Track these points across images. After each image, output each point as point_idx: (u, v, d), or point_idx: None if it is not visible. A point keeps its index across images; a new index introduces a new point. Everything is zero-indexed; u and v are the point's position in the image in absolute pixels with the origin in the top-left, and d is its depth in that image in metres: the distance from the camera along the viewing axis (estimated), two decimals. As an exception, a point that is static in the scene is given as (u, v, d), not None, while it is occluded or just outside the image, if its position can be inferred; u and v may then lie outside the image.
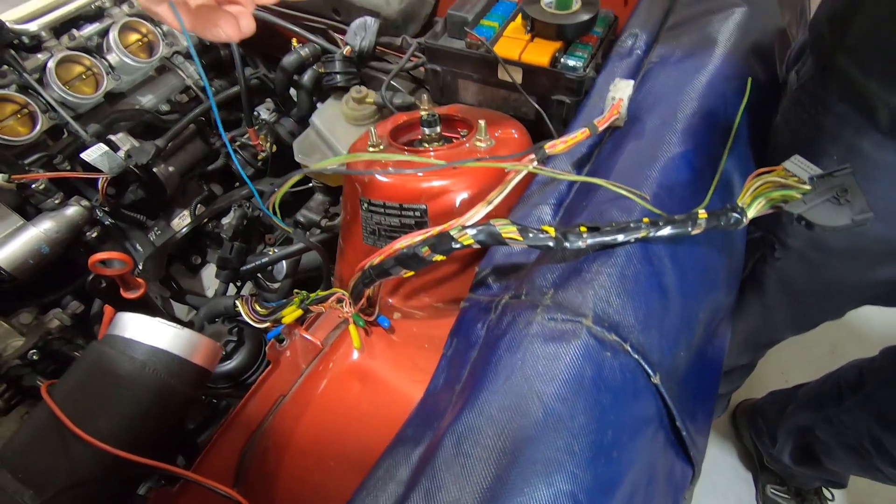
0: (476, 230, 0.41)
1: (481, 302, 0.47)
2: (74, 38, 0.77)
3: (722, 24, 0.56)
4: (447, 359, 0.47)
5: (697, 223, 0.41)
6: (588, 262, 0.41)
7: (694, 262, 0.44)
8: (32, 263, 0.74)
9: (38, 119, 0.74)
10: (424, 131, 0.57)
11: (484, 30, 0.63)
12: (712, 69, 0.53)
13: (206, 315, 0.82)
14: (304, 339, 0.62)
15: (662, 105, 0.51)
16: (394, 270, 0.45)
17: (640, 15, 0.60)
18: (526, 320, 0.40)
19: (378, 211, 0.54)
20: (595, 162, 0.51)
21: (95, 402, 0.48)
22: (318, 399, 0.54)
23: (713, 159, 0.48)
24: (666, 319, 0.41)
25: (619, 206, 0.44)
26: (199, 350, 0.54)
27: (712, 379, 0.52)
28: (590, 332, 0.38)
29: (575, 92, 0.59)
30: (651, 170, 0.46)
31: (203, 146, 0.97)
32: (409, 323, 0.56)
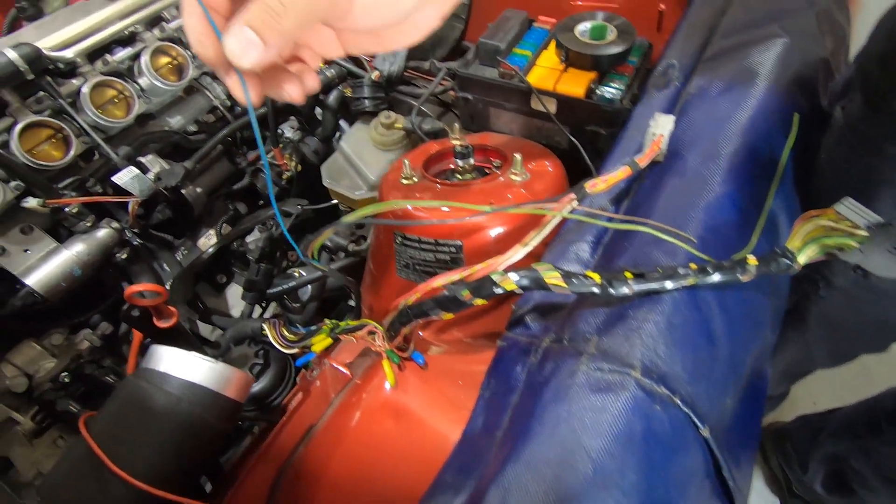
0: (519, 275, 0.40)
1: (520, 342, 0.47)
2: (108, 63, 0.78)
3: (762, 56, 0.55)
4: (485, 400, 0.46)
5: (747, 270, 0.40)
6: (633, 309, 0.40)
7: (741, 308, 0.43)
8: (65, 286, 0.74)
9: (71, 143, 0.74)
10: (458, 163, 0.57)
11: (517, 59, 0.62)
12: (754, 103, 0.51)
13: (233, 337, 0.82)
14: (334, 368, 0.62)
15: (704, 141, 0.50)
16: (433, 312, 0.44)
17: (677, 45, 0.59)
18: (570, 369, 0.39)
19: (412, 245, 0.53)
20: (634, 199, 0.51)
21: (132, 438, 0.48)
22: (351, 433, 0.53)
23: (758, 199, 0.47)
24: (715, 369, 0.40)
25: (663, 249, 0.43)
26: (232, 383, 0.54)
27: (756, 422, 0.51)
28: (638, 384, 0.37)
29: (611, 123, 0.58)
30: (696, 211, 0.45)
31: (229, 166, 0.98)
32: (441, 358, 0.55)
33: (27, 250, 0.73)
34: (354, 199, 0.73)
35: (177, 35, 0.87)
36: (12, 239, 0.72)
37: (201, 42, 0.29)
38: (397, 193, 0.56)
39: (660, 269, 0.40)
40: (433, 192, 0.54)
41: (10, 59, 0.64)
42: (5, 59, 0.64)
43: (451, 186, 0.55)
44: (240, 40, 0.27)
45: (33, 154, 0.71)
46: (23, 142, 0.70)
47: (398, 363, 0.52)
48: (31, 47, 0.67)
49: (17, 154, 0.69)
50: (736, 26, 0.58)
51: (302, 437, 0.61)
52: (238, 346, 0.83)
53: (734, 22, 0.59)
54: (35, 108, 0.73)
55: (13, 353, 0.73)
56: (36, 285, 0.72)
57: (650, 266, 0.43)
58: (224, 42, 0.28)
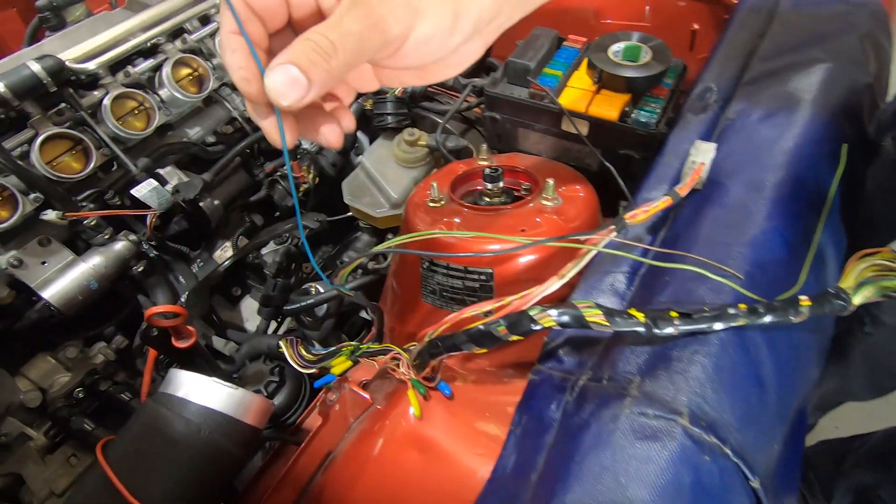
0: (559, 312, 0.39)
1: (553, 378, 0.45)
2: (129, 74, 0.78)
3: (804, 81, 0.53)
4: (516, 437, 0.44)
5: (800, 311, 0.38)
6: (678, 349, 0.38)
7: (790, 348, 0.41)
8: (81, 299, 0.73)
9: (91, 155, 0.74)
10: (487, 186, 0.55)
11: (547, 79, 0.61)
12: (799, 131, 0.50)
13: (248, 353, 0.81)
14: (354, 392, 0.60)
15: (746, 170, 0.48)
16: (465, 346, 0.42)
17: (714, 68, 0.58)
18: (612, 412, 0.37)
19: (440, 271, 0.52)
20: (672, 228, 0.49)
21: (150, 467, 0.47)
22: (373, 463, 0.51)
23: (806, 233, 0.45)
24: (764, 415, 0.38)
25: (708, 285, 0.41)
26: (252, 409, 0.53)
27: (798, 464, 0.49)
28: (686, 432, 0.35)
29: (645, 148, 0.56)
30: (741, 245, 0.43)
31: (247, 177, 0.97)
32: (467, 388, 0.53)
33: (44, 262, 0.72)
34: (376, 216, 0.72)
35: (198, 46, 0.86)
36: (30, 251, 0.71)
37: (247, 80, 0.28)
38: (425, 216, 0.54)
39: (707, 308, 0.38)
40: (461, 216, 0.53)
41: (33, 72, 0.64)
42: (28, 72, 0.64)
43: (480, 211, 0.54)
44: (284, 78, 0.26)
45: (53, 166, 0.70)
46: (43, 154, 0.69)
47: (424, 394, 0.50)
48: (55, 59, 0.66)
49: (38, 166, 0.68)
50: (776, 50, 0.56)
51: (320, 463, 0.59)
52: (253, 363, 0.81)
53: (774, 45, 0.57)
54: (56, 119, 0.72)
55: (28, 366, 0.72)
56: (52, 298, 0.71)
57: (694, 303, 0.41)
58: (266, 79, 0.26)
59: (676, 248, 0.46)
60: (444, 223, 0.52)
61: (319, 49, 0.26)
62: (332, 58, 0.26)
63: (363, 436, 0.55)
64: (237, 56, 0.28)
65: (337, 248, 0.96)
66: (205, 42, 0.86)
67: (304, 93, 0.27)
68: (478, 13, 0.30)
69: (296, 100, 0.27)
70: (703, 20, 0.71)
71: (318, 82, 0.27)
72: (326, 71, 0.26)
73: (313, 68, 0.26)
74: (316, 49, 0.26)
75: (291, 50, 0.26)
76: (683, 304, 0.41)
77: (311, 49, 0.26)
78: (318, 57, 0.26)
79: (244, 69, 0.28)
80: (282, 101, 0.27)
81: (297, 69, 0.26)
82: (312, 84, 0.26)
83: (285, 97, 0.27)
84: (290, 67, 0.26)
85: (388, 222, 0.74)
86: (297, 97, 0.27)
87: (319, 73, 0.26)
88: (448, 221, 0.52)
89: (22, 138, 0.69)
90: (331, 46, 0.26)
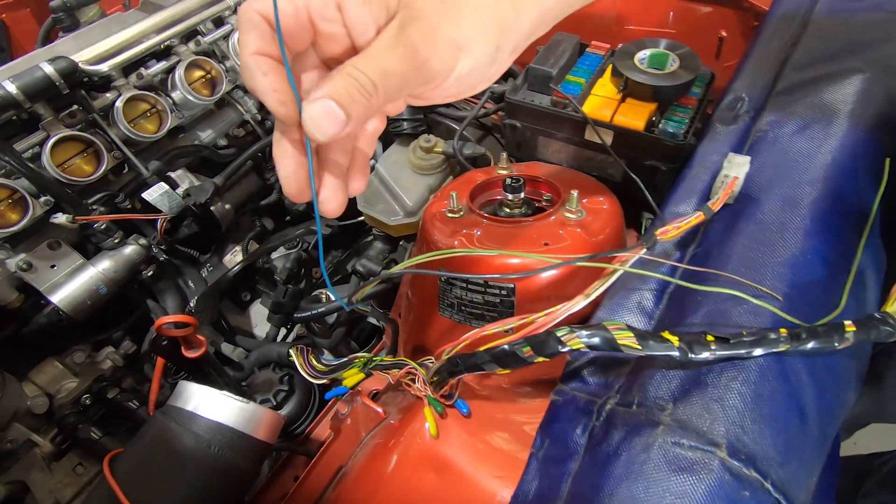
0: (588, 334, 0.37)
1: (578, 400, 0.43)
2: (142, 76, 0.77)
3: (841, 92, 0.51)
4: (538, 461, 0.42)
5: (845, 337, 0.36)
6: (714, 374, 0.36)
7: (831, 375, 0.39)
8: (90, 304, 0.72)
9: (103, 158, 0.73)
10: (507, 196, 0.54)
11: (570, 86, 0.59)
12: (836, 145, 0.47)
13: (258, 361, 0.80)
14: (367, 406, 0.59)
15: (781, 184, 0.46)
16: (487, 366, 0.41)
17: (745, 77, 0.55)
18: (644, 441, 0.35)
19: (459, 285, 0.50)
20: (703, 244, 0.47)
21: (157, 483, 0.45)
22: (388, 482, 0.50)
23: (847, 253, 0.43)
24: (805, 446, 0.36)
25: (744, 307, 0.39)
26: (262, 424, 0.51)
27: (832, 492, 0.46)
28: (724, 465, 0.33)
29: (672, 159, 0.54)
30: (778, 264, 0.41)
31: (258, 181, 0.96)
32: (484, 405, 0.52)
33: (54, 266, 0.71)
34: (390, 224, 0.70)
35: (211, 48, 0.85)
36: (40, 254, 0.70)
37: (284, 103, 0.26)
38: (443, 227, 0.52)
39: (745, 332, 0.36)
40: (481, 228, 0.51)
41: (46, 74, 0.63)
42: (41, 74, 0.63)
43: (499, 223, 0.52)
44: (323, 112, 0.25)
45: (64, 168, 0.69)
46: (54, 156, 0.68)
47: (441, 412, 0.49)
48: (68, 61, 0.65)
49: (49, 168, 0.67)
50: (810, 59, 0.54)
51: (331, 478, 0.58)
52: (262, 370, 0.80)
53: (808, 54, 0.55)
54: (68, 121, 0.71)
55: (35, 371, 0.71)
56: (61, 303, 0.70)
57: (729, 325, 0.39)
58: (304, 112, 0.26)
59: (708, 264, 0.44)
60: (462, 235, 0.51)
61: (360, 87, 0.26)
62: (373, 96, 0.26)
63: (377, 451, 0.53)
64: (270, 79, 0.26)
65: (347, 253, 0.94)
66: (218, 44, 0.85)
67: (341, 128, 0.26)
68: (516, 41, 0.30)
69: (333, 135, 0.26)
70: (731, 27, 0.69)
71: (357, 119, 0.26)
72: (366, 108, 0.26)
73: (353, 105, 0.26)
74: (357, 87, 0.26)
75: (332, 85, 0.26)
76: (718, 327, 0.39)
77: (352, 86, 0.26)
78: (358, 94, 0.26)
79: (280, 92, 0.26)
80: (318, 135, 0.26)
81: (336, 104, 0.25)
82: (350, 120, 0.26)
83: (322, 132, 0.26)
84: (330, 102, 0.25)
85: (402, 230, 0.72)
86: (334, 132, 0.26)
87: (359, 110, 0.26)
88: (468, 234, 0.50)
89: (33, 140, 0.68)
90: (371, 85, 0.26)
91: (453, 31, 0.27)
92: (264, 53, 0.27)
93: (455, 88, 0.30)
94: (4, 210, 0.65)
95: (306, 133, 0.26)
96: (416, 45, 0.26)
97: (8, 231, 0.64)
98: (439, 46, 0.27)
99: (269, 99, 0.26)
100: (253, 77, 0.26)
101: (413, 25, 0.27)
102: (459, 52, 0.28)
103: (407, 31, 0.26)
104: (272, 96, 0.26)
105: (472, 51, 0.28)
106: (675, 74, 0.55)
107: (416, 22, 0.27)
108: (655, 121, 0.55)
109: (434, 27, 0.27)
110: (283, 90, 0.26)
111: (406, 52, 0.26)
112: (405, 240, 0.79)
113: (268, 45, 0.27)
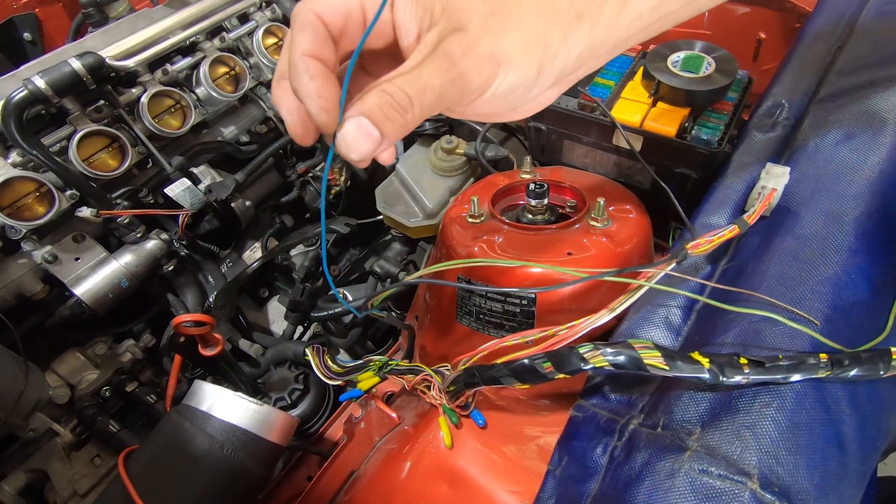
0: (613, 352, 0.35)
1: (599, 417, 0.41)
2: (167, 72, 0.77)
3: (891, 100, 0.48)
4: (555, 479, 0.41)
5: (892, 365, 0.33)
6: (746, 399, 0.34)
7: (874, 405, 0.36)
8: (112, 297, 0.73)
9: (128, 153, 0.73)
10: (530, 202, 0.52)
11: (599, 89, 0.57)
12: (883, 156, 0.45)
13: (274, 358, 0.80)
14: (381, 410, 0.58)
15: (823, 198, 0.43)
16: (505, 380, 0.39)
17: (785, 82, 0.53)
18: (669, 466, 0.34)
19: (478, 293, 0.49)
20: (736, 258, 0.44)
21: (170, 482, 0.45)
22: (400, 492, 0.49)
23: (893, 273, 0.40)
24: (844, 481, 0.34)
25: (780, 328, 0.37)
26: (275, 427, 0.51)
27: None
28: (755, 496, 0.31)
29: (705, 167, 0.52)
30: (819, 283, 0.38)
31: (278, 178, 0.96)
32: (500, 417, 0.50)
33: (78, 259, 0.72)
34: (409, 226, 0.69)
35: (236, 45, 0.85)
36: (65, 247, 0.71)
37: (326, 111, 0.25)
38: (463, 232, 0.51)
39: (782, 356, 0.34)
40: (503, 235, 0.50)
41: (74, 69, 0.63)
42: (69, 69, 0.63)
43: (522, 230, 0.50)
44: (356, 132, 0.24)
45: (90, 163, 0.70)
46: (81, 151, 0.69)
47: (456, 423, 0.48)
48: (95, 57, 0.66)
49: (75, 163, 0.68)
50: (857, 64, 0.51)
51: (343, 482, 0.57)
52: (278, 368, 0.80)
53: (855, 58, 0.52)
54: (94, 116, 0.72)
55: (58, 362, 0.72)
56: (84, 295, 0.71)
57: (763, 347, 0.37)
58: (339, 131, 0.25)
59: (741, 281, 0.42)
60: (483, 241, 0.49)
61: (396, 104, 0.25)
62: (409, 112, 0.25)
63: (390, 458, 0.52)
64: (316, 83, 0.25)
65: (364, 252, 0.94)
66: (242, 41, 0.85)
67: (375, 146, 0.25)
68: (561, 67, 0.28)
69: (367, 154, 0.25)
70: (771, 29, 0.66)
71: (391, 136, 0.25)
72: (401, 125, 0.25)
73: (387, 122, 0.25)
74: (392, 104, 0.24)
75: (367, 102, 0.25)
76: (751, 348, 0.37)
77: (387, 104, 0.24)
78: (394, 112, 0.25)
79: (325, 99, 0.25)
80: (351, 154, 0.25)
81: (371, 123, 0.24)
82: (385, 138, 0.25)
83: (356, 151, 0.25)
84: (364, 120, 0.24)
85: (421, 232, 0.71)
86: (369, 151, 0.25)
87: (394, 128, 0.25)
88: (488, 240, 0.49)
89: (61, 134, 0.69)
90: (407, 101, 0.25)
91: (494, 44, 0.26)
92: (315, 55, 0.26)
93: (491, 107, 0.29)
94: (32, 203, 0.66)
95: (338, 152, 0.26)
96: (453, 56, 0.25)
97: (35, 223, 0.65)
98: (478, 59, 0.26)
99: (312, 104, 0.25)
100: (299, 78, 0.25)
101: (453, 36, 0.26)
102: (499, 68, 0.26)
103: (446, 42, 0.26)
104: (316, 102, 0.25)
105: (512, 68, 0.27)
106: (710, 78, 0.52)
107: (457, 33, 0.26)
108: (688, 127, 0.53)
109: (475, 40, 0.26)
110: (328, 97, 0.25)
111: (443, 64, 0.25)
112: (424, 241, 0.78)
113: (320, 47, 0.26)
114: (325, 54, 0.26)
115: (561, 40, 0.27)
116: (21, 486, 0.64)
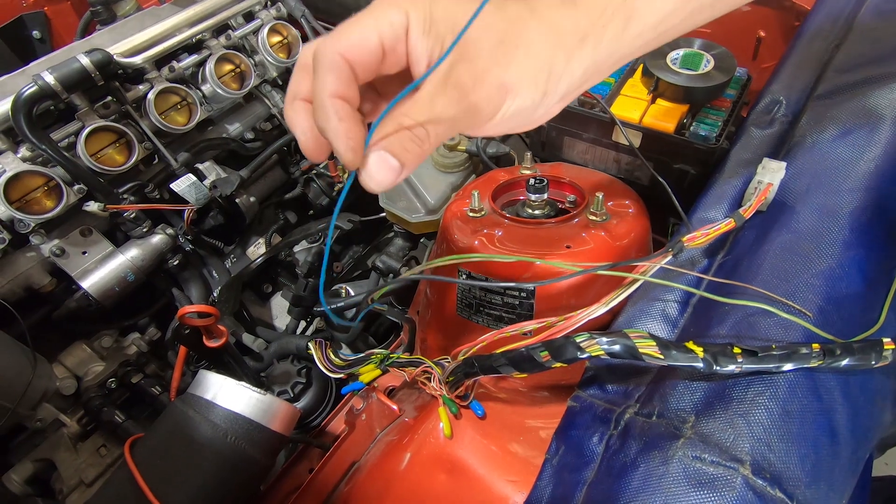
0: (608, 341, 0.36)
1: (595, 407, 0.42)
2: (174, 69, 0.78)
3: (888, 97, 0.48)
4: (553, 468, 0.42)
5: (883, 356, 0.34)
6: (740, 388, 0.35)
7: (866, 395, 0.37)
8: (118, 290, 0.74)
9: (134, 148, 0.75)
10: (530, 197, 0.53)
11: (599, 86, 0.58)
12: (879, 152, 0.45)
13: (277, 352, 0.81)
14: (382, 402, 0.59)
15: (819, 192, 0.44)
16: (504, 370, 0.40)
17: (783, 79, 0.53)
18: (663, 453, 0.34)
19: (479, 286, 0.50)
20: (732, 252, 0.45)
21: (175, 469, 0.46)
22: (400, 481, 0.50)
23: (887, 267, 0.40)
24: (835, 469, 0.34)
25: (774, 319, 0.38)
26: (278, 416, 0.52)
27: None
28: (747, 483, 0.32)
29: (703, 163, 0.53)
30: (813, 276, 0.39)
31: (282, 175, 0.97)
32: (499, 408, 0.51)
33: (85, 252, 0.73)
34: (411, 221, 0.70)
35: (241, 43, 0.86)
36: (72, 241, 0.72)
37: (355, 150, 0.26)
38: (464, 227, 0.52)
39: (775, 346, 0.35)
40: (502, 228, 0.50)
41: (82, 65, 0.64)
42: (78, 65, 0.64)
43: (522, 224, 0.51)
44: (379, 166, 0.26)
45: (97, 158, 0.71)
46: (88, 146, 0.70)
47: (456, 413, 0.48)
48: (104, 53, 0.67)
49: (83, 157, 0.69)
50: (855, 61, 0.52)
51: (344, 473, 0.58)
52: (281, 362, 0.81)
53: (853, 56, 0.52)
54: (102, 112, 0.73)
55: (64, 354, 0.73)
56: (91, 288, 0.72)
57: (758, 338, 0.38)
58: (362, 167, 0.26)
59: (737, 274, 0.42)
60: (483, 235, 0.50)
61: (414, 136, 0.26)
62: (425, 142, 0.27)
63: (390, 449, 0.53)
64: (346, 125, 0.26)
65: (367, 249, 0.95)
66: (248, 39, 0.86)
67: (395, 177, 0.27)
68: (566, 88, 0.30)
69: (388, 184, 0.27)
70: (770, 26, 0.66)
71: (410, 165, 0.27)
72: (419, 156, 0.27)
73: (406, 154, 0.26)
74: (411, 137, 0.26)
75: (386, 137, 0.26)
76: (745, 339, 0.37)
77: (406, 137, 0.26)
78: (410, 143, 0.26)
79: (353, 140, 0.26)
80: (373, 185, 0.27)
81: (391, 154, 0.26)
82: (405, 168, 0.27)
83: (377, 182, 0.27)
84: (384, 153, 0.26)
85: (422, 228, 0.72)
86: (390, 181, 0.27)
87: (412, 158, 0.27)
88: (488, 234, 0.50)
89: (69, 130, 0.70)
90: (424, 133, 0.26)
91: (503, 74, 0.27)
92: (342, 97, 0.27)
93: (497, 129, 0.30)
94: (40, 197, 0.67)
95: (361, 182, 0.27)
96: (465, 87, 0.27)
97: (43, 217, 0.66)
98: (489, 89, 0.27)
99: (341, 144, 0.26)
100: (328, 119, 0.26)
101: (463, 66, 0.27)
102: (507, 95, 0.28)
103: (456, 72, 0.27)
104: (345, 142, 0.26)
105: (519, 94, 0.28)
106: (708, 75, 0.53)
107: (467, 63, 0.27)
108: (686, 123, 0.53)
109: (484, 70, 0.27)
110: (356, 137, 0.26)
111: (455, 95, 0.26)
112: (426, 237, 0.79)
113: (345, 87, 0.27)
114: (349, 94, 0.27)
115: (565, 64, 0.29)
116: (28, 475, 0.65)
